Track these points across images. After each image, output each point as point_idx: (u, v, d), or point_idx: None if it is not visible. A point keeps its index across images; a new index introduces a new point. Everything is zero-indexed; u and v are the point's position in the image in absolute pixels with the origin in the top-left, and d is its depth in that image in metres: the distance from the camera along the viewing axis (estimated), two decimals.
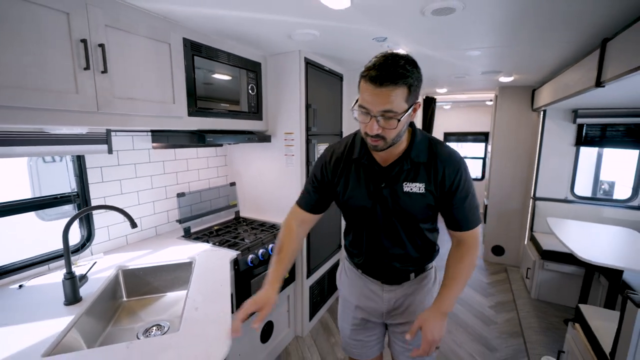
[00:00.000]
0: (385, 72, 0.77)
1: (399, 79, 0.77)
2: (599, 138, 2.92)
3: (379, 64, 0.78)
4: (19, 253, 1.36)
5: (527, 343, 2.19)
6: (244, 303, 0.92)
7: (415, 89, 0.81)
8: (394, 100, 0.79)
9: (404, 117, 0.82)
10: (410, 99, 0.81)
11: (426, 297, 1.12)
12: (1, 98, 0.90)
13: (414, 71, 0.79)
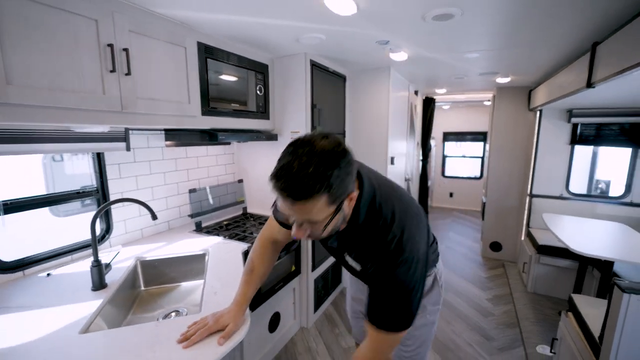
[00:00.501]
0: (291, 185, 0.63)
1: (308, 194, 0.63)
2: (593, 137, 3.01)
3: (284, 170, 0.64)
4: (40, 246, 1.45)
5: (522, 333, 2.28)
6: (208, 318, 0.93)
7: (338, 189, 0.66)
8: (312, 211, 0.66)
9: (334, 218, 0.71)
10: (334, 201, 0.67)
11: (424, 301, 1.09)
12: (39, 99, 0.99)
13: (332, 173, 0.63)
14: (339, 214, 0.71)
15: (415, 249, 0.77)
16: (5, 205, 1.24)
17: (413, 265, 0.76)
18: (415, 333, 1.08)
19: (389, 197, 0.82)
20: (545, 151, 3.17)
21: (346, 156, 0.67)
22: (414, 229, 0.79)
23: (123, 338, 0.92)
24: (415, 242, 0.78)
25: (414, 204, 0.88)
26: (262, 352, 1.90)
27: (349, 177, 0.68)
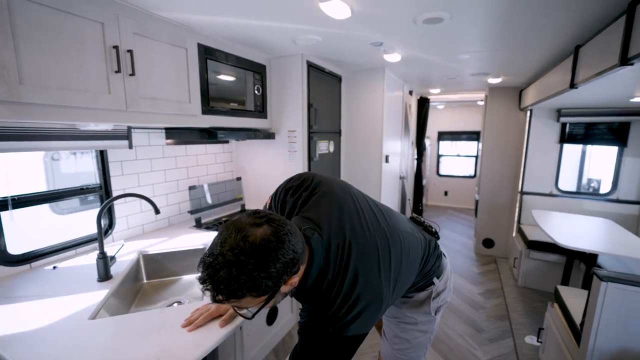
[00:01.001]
0: (214, 288, 0.60)
1: (230, 297, 0.61)
2: (581, 136, 3.11)
3: (209, 273, 0.60)
4: (43, 241, 1.49)
5: (512, 325, 2.37)
6: (210, 304, 0.98)
7: (268, 285, 0.62)
8: (239, 304, 0.66)
9: (268, 304, 0.69)
10: (264, 294, 0.64)
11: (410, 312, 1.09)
12: (49, 98, 1.04)
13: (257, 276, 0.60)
14: (275, 298, 0.69)
15: (347, 335, 0.72)
16: (13, 200, 1.29)
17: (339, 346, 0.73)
18: (403, 335, 1.10)
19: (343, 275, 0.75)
20: (535, 150, 3.26)
21: (280, 251, 0.63)
22: (356, 314, 0.73)
23: (130, 323, 0.97)
24: (355, 325, 0.73)
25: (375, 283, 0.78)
26: (260, 343, 1.95)
27: (283, 270, 0.64)
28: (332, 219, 0.82)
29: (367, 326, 0.76)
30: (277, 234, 0.64)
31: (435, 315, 1.08)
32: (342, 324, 0.72)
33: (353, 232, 0.81)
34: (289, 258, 0.64)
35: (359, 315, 0.73)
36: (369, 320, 0.76)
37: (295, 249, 0.67)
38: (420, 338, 1.10)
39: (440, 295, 1.08)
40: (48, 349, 0.84)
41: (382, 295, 0.78)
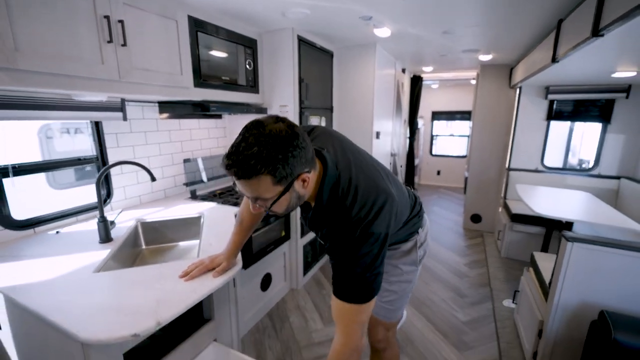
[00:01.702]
0: (236, 164, 0.68)
1: (250, 174, 0.68)
2: (567, 113, 3.18)
3: (233, 149, 0.69)
4: (43, 211, 1.56)
5: (492, 291, 2.52)
6: (205, 259, 1.08)
7: (283, 170, 0.69)
8: (258, 189, 0.71)
9: (283, 197, 0.74)
10: (280, 181, 0.71)
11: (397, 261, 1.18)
12: (44, 66, 1.08)
13: (275, 155, 0.67)
14: (289, 194, 0.75)
15: (373, 229, 0.79)
16: (14, 168, 1.35)
17: (373, 241, 0.79)
18: (391, 288, 1.20)
19: (355, 180, 0.84)
20: (523, 127, 3.33)
21: (295, 141, 0.70)
22: (374, 211, 0.81)
23: (132, 276, 1.07)
24: (375, 224, 0.80)
25: (381, 181, 0.88)
26: (255, 308, 2.08)
27: (296, 160, 0.70)
28: (336, 147, 0.91)
29: (387, 225, 0.83)
30: (293, 129, 0.71)
31: (417, 266, 1.20)
32: (365, 224, 0.79)
33: (355, 157, 0.91)
34: (303, 148, 0.71)
35: (377, 214, 0.80)
36: (387, 218, 0.83)
37: (308, 148, 0.74)
38: (406, 288, 1.21)
39: (422, 245, 1.19)
40: (57, 296, 0.93)
41: (393, 195, 0.86)
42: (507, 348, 1.90)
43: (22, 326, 1.00)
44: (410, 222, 1.11)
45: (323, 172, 0.83)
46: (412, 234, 1.16)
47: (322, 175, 0.83)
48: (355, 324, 0.85)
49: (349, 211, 0.81)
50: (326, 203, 0.85)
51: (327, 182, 0.83)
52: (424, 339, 1.99)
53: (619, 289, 1.37)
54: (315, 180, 0.83)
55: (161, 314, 0.84)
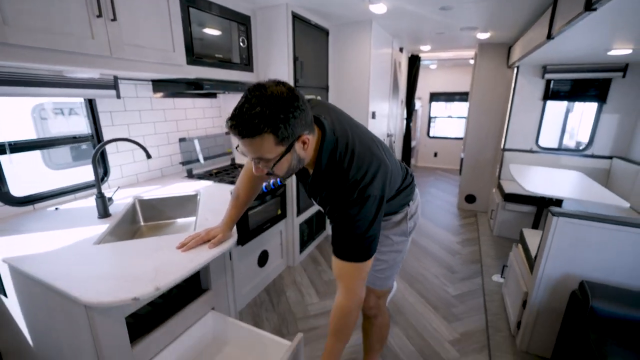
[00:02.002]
0: (239, 123, 0.71)
1: (254, 132, 0.71)
2: (564, 93, 3.18)
3: (236, 110, 0.72)
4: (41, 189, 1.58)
5: (483, 267, 2.61)
6: (201, 231, 1.12)
7: (285, 130, 0.72)
8: (261, 149, 0.75)
9: (284, 158, 0.78)
10: (283, 141, 0.74)
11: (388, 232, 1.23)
12: (33, 40, 1.07)
13: (277, 114, 0.70)
14: (290, 155, 0.79)
15: (370, 191, 0.84)
16: (10, 145, 1.36)
17: (370, 204, 0.84)
18: (382, 257, 1.25)
19: (351, 145, 0.89)
20: (520, 107, 3.33)
21: (295, 102, 0.73)
22: (370, 174, 0.86)
23: (131, 247, 1.10)
24: (372, 186, 0.85)
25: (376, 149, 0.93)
26: (252, 283, 2.16)
27: (297, 120, 0.74)
28: (332, 117, 0.95)
29: (382, 188, 0.88)
30: (293, 92, 0.75)
31: (408, 236, 1.25)
32: (362, 187, 0.84)
33: (351, 126, 0.96)
34: (303, 110, 0.75)
35: (373, 178, 0.86)
36: (382, 182, 0.88)
37: (308, 111, 0.78)
38: (396, 258, 1.26)
39: (413, 217, 1.24)
40: (60, 266, 0.97)
41: (386, 161, 0.91)
42: (493, 319, 1.99)
43: (28, 294, 1.04)
44: (402, 193, 1.15)
45: (321, 138, 0.88)
46: (403, 205, 1.20)
47: (320, 141, 0.88)
48: (355, 280, 0.92)
49: (346, 173, 0.86)
50: (325, 167, 0.89)
51: (326, 147, 0.87)
52: (415, 312, 2.08)
53: (599, 260, 1.43)
54: (314, 145, 0.87)
55: (160, 281, 0.88)
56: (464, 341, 1.83)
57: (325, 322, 1.97)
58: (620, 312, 1.24)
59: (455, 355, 1.73)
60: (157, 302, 1.13)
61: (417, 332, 1.89)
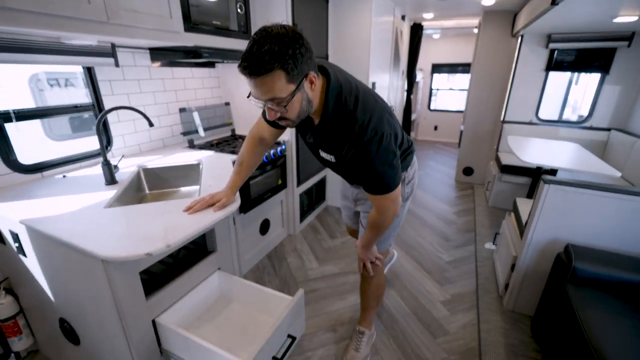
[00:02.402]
0: (251, 63, 0.74)
1: (265, 69, 0.74)
2: (567, 63, 3.13)
3: (246, 53, 0.75)
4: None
5: (477, 236, 2.71)
6: (206, 196, 1.17)
7: (294, 66, 0.76)
8: (273, 87, 0.78)
9: (296, 97, 0.82)
10: (292, 78, 0.78)
11: None
12: (32, 4, 1.06)
13: (285, 51, 0.74)
14: (300, 94, 0.83)
15: (381, 130, 0.91)
16: (15, 113, 1.38)
17: (383, 141, 0.92)
18: None
19: (355, 91, 0.95)
20: (522, 78, 3.29)
21: (300, 40, 0.77)
22: (376, 116, 0.93)
23: (140, 211, 1.16)
24: (381, 125, 0.92)
25: (378, 98, 1.02)
26: (254, 250, 2.25)
27: (303, 58, 0.78)
28: (335, 69, 0.99)
29: (392, 127, 0.96)
30: (296, 31, 0.78)
31: (405, 202, 1.30)
32: (372, 127, 0.91)
33: (353, 79, 1.01)
34: (308, 49, 0.79)
35: (380, 119, 0.93)
36: (389, 122, 0.96)
37: (312, 52, 0.82)
38: (394, 221, 1.32)
39: (410, 182, 1.29)
40: (75, 226, 1.03)
41: (389, 108, 1.01)
42: (484, 282, 2.11)
43: (46, 253, 1.11)
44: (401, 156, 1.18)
45: (327, 84, 0.93)
46: (402, 170, 1.23)
47: (326, 87, 0.93)
48: (386, 203, 1.06)
49: (353, 115, 0.92)
50: (332, 111, 0.94)
51: (331, 91, 0.92)
52: (410, 276, 2.19)
53: (585, 226, 1.50)
54: (320, 89, 0.92)
55: (170, 239, 0.94)
56: (455, 302, 1.95)
57: (324, 285, 2.09)
58: (599, 271, 1.33)
59: (446, 313, 1.86)
60: (168, 261, 1.20)
61: (411, 294, 2.01)
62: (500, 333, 1.69)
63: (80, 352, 1.29)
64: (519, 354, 1.57)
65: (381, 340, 1.66)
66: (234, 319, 1.26)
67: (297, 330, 1.18)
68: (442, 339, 1.68)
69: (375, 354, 1.59)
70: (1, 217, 1.18)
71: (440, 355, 1.58)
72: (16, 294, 1.43)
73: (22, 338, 1.47)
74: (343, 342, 1.64)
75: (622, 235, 1.46)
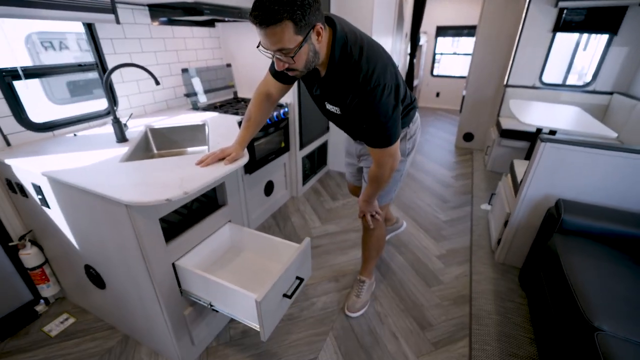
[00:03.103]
0: (260, 12, 0.77)
1: (275, 19, 0.77)
2: (575, 23, 3.04)
3: (257, 5, 0.78)
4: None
5: (473, 197, 2.80)
6: (216, 150, 1.22)
7: (302, 17, 0.79)
8: (282, 38, 0.80)
9: (303, 48, 0.85)
10: (300, 29, 0.81)
11: None
12: None
13: (294, 1, 0.76)
14: (308, 44, 0.87)
15: (383, 80, 0.95)
16: (23, 70, 1.39)
17: (385, 92, 0.96)
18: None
19: (360, 42, 0.98)
20: (528, 40, 3.22)
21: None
22: (380, 66, 0.97)
23: (155, 164, 1.22)
24: (384, 76, 0.96)
25: (382, 50, 1.04)
26: (260, 209, 2.35)
27: (311, 9, 0.81)
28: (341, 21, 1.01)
29: (395, 78, 1.00)
30: None
31: (406, 157, 1.36)
32: (375, 77, 0.95)
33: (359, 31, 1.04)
34: (314, 5, 0.82)
35: (384, 69, 0.98)
36: (393, 73, 1.00)
37: (319, 4, 0.85)
38: (395, 176, 1.39)
39: (412, 138, 1.34)
40: (95, 177, 1.09)
41: (392, 60, 1.04)
42: (477, 239, 2.23)
43: (70, 203, 1.18)
44: (404, 110, 1.23)
45: (333, 35, 0.96)
46: (403, 125, 1.29)
47: (332, 38, 0.96)
48: (385, 158, 1.12)
49: (357, 64, 0.95)
50: (338, 60, 0.97)
51: (338, 41, 0.95)
52: (408, 233, 2.31)
53: (576, 182, 1.58)
54: (327, 40, 0.95)
55: (187, 187, 1.01)
56: (449, 256, 2.08)
57: (327, 241, 2.21)
58: (585, 223, 1.42)
59: (441, 266, 1.99)
60: (182, 212, 1.28)
61: (409, 249, 2.14)
62: (490, 282, 1.83)
63: (106, 296, 1.41)
64: (506, 299, 1.71)
65: (380, 289, 1.80)
66: (245, 265, 1.37)
67: (305, 273, 1.29)
68: (436, 288, 1.82)
69: (374, 300, 1.73)
70: (23, 171, 1.24)
71: (434, 301, 1.73)
72: (40, 245, 1.53)
73: (50, 285, 1.59)
74: (345, 291, 1.78)
75: (610, 190, 1.54)
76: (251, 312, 1.05)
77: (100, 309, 1.55)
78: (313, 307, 1.68)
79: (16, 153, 1.32)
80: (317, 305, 1.69)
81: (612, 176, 1.51)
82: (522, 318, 1.59)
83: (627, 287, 1.14)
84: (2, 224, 1.44)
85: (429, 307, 1.69)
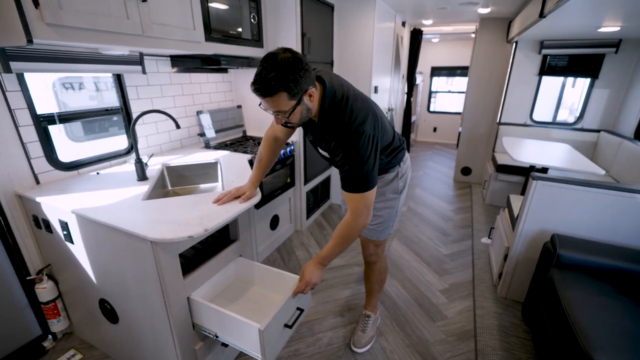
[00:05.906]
0: (260, 85, 0.93)
1: (271, 92, 0.93)
2: (559, 68, 3.30)
3: (256, 76, 0.93)
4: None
5: (473, 231, 2.87)
6: (232, 189, 1.34)
7: (294, 87, 0.93)
8: (278, 104, 0.97)
9: (297, 109, 1.00)
10: (294, 96, 0.96)
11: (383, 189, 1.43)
12: (83, 21, 1.22)
13: (287, 76, 0.91)
14: (301, 106, 1.01)
15: (363, 128, 1.06)
16: (58, 116, 1.54)
17: (364, 138, 1.06)
18: (378, 213, 1.46)
19: (346, 93, 1.11)
20: (516, 82, 3.46)
21: (300, 64, 0.94)
22: (362, 115, 1.08)
23: (175, 202, 1.32)
24: (365, 124, 1.07)
25: (368, 101, 1.17)
26: (265, 243, 2.41)
27: (303, 79, 0.95)
28: (332, 77, 1.15)
29: (374, 128, 1.10)
30: (297, 56, 0.95)
31: (399, 194, 1.45)
32: (356, 126, 1.06)
33: (346, 84, 1.18)
34: (307, 70, 0.96)
35: (364, 119, 1.08)
36: (373, 124, 1.10)
37: (310, 70, 0.99)
38: (390, 213, 1.47)
39: (403, 176, 1.44)
40: (120, 215, 1.19)
41: (375, 111, 1.15)
42: (479, 273, 2.27)
43: (94, 239, 1.26)
44: (393, 152, 1.35)
45: (323, 90, 1.10)
46: (395, 165, 1.40)
47: (322, 92, 1.10)
48: (360, 206, 1.13)
49: (343, 114, 1.08)
50: (327, 109, 1.10)
51: (327, 95, 1.09)
52: (410, 267, 2.35)
53: (569, 217, 1.66)
54: (318, 96, 1.09)
55: (207, 224, 1.10)
56: (452, 290, 2.11)
57: (331, 275, 2.24)
58: (580, 257, 1.49)
59: (444, 300, 2.01)
60: (198, 247, 1.36)
61: (412, 283, 2.17)
62: (493, 317, 1.85)
63: (117, 330, 1.44)
64: (511, 334, 1.72)
65: (385, 324, 1.82)
66: (251, 297, 1.42)
67: (305, 304, 1.34)
68: (441, 323, 1.83)
69: (380, 335, 1.74)
70: (52, 208, 1.34)
71: (440, 336, 1.74)
72: (56, 279, 1.59)
73: (60, 320, 1.62)
74: (350, 326, 1.80)
75: (600, 225, 1.62)
76: (254, 342, 1.10)
77: (109, 344, 1.56)
78: (319, 342, 1.69)
79: (45, 191, 1.43)
80: (323, 341, 1.70)
81: (601, 212, 1.60)
82: (527, 354, 1.60)
83: (622, 320, 1.19)
84: (23, 258, 1.50)
85: (434, 342, 1.70)
